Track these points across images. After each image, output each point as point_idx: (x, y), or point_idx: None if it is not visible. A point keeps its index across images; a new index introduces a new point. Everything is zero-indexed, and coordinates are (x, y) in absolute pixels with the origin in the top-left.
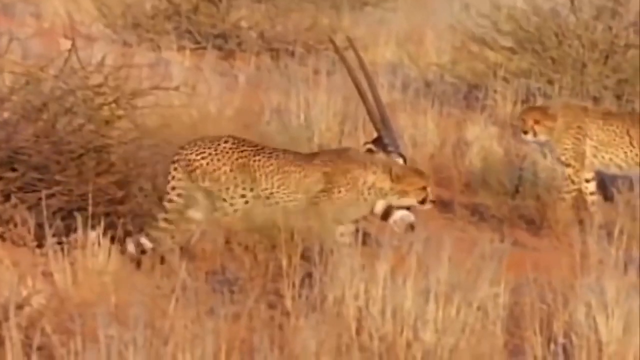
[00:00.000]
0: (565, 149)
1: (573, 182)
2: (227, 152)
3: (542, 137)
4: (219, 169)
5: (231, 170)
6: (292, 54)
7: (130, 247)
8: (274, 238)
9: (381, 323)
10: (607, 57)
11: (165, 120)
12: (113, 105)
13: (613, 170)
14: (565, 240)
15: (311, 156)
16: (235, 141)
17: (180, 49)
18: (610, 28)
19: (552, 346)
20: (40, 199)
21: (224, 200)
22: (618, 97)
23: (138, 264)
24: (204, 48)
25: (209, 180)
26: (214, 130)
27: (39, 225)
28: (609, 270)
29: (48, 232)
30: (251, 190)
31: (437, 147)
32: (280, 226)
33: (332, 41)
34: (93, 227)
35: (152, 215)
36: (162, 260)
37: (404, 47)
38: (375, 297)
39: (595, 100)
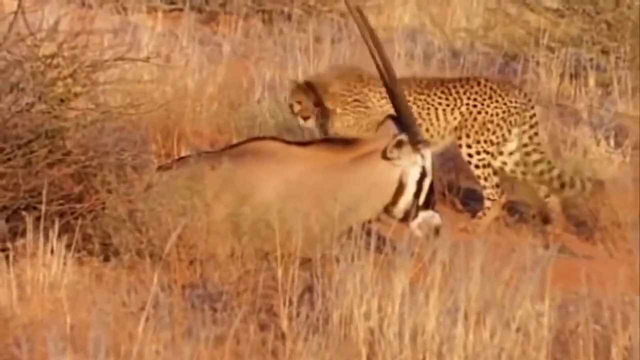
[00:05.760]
0: (348, 126)
1: None
2: None
3: (326, 121)
4: None
5: None
6: (289, 17)
7: None
8: (266, 242)
9: (398, 348)
10: None
11: (132, 98)
12: (69, 80)
13: None
14: (623, 247)
15: None
16: None
17: (151, 10)
18: None
19: None
20: None
21: None
22: None
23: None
24: (180, 10)
25: None
26: (193, 109)
27: None
28: None
29: None
30: None
31: None
32: (275, 227)
33: (346, 2)
34: (45, 230)
35: (118, 216)
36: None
37: (426, 9)
38: (391, 316)
39: None
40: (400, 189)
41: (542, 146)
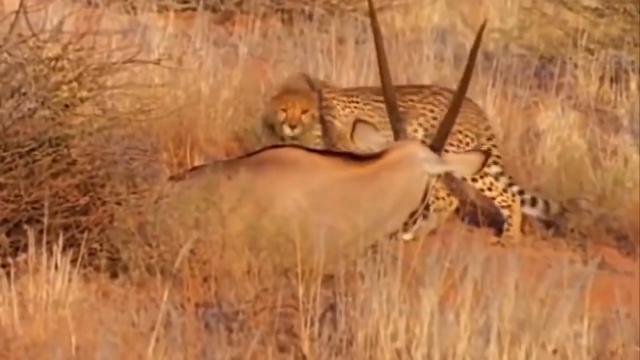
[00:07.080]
0: (318, 135)
1: None
2: None
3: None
4: None
5: None
6: (310, 16)
7: None
8: (286, 258)
9: None
10: None
11: (142, 103)
12: (74, 84)
13: None
14: None
15: None
16: None
17: (162, 10)
18: None
19: None
20: None
21: None
22: None
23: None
24: (194, 9)
25: None
26: (207, 115)
27: None
28: None
29: None
30: None
31: (500, 138)
32: (296, 242)
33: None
34: (49, 245)
35: (127, 229)
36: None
37: (457, 8)
38: (419, 336)
39: None
40: (425, 195)
41: (502, 160)
